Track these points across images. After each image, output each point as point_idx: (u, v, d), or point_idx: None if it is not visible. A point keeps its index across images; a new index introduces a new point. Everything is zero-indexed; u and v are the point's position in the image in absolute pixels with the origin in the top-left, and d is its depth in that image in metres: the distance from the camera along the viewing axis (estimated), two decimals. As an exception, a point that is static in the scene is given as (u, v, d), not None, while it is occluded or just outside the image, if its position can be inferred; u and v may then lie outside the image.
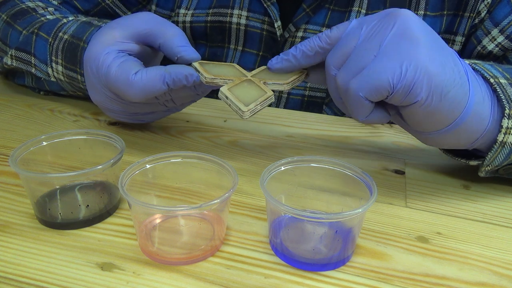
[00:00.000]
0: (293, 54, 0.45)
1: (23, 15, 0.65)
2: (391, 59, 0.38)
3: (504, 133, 0.42)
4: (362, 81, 0.39)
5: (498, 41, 0.60)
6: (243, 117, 0.43)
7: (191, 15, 0.70)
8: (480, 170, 0.46)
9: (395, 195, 0.47)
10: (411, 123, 0.42)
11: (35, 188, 0.39)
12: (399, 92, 0.38)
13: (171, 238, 0.39)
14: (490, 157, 0.44)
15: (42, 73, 0.60)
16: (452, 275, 0.36)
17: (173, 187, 0.42)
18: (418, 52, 0.38)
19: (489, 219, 0.44)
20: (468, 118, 0.41)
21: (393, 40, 0.39)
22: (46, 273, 0.34)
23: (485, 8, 0.60)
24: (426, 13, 0.62)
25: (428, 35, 0.40)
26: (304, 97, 0.69)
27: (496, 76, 0.43)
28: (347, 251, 0.37)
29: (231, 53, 0.71)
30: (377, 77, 0.38)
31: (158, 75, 0.46)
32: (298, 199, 0.42)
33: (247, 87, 0.46)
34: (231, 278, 0.35)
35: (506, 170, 0.46)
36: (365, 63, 0.40)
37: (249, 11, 0.68)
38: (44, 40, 0.59)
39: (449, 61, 0.39)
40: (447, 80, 0.38)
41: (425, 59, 0.38)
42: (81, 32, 0.55)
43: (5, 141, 0.53)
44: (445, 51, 0.40)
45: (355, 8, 0.64)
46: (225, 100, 0.45)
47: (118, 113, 0.52)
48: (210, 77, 0.46)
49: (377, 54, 0.39)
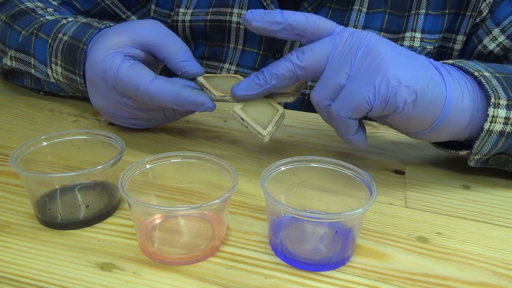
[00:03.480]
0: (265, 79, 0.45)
1: (22, 15, 0.65)
2: (364, 77, 0.41)
3: (490, 122, 0.43)
4: (341, 103, 0.42)
5: (499, 41, 0.60)
6: (263, 141, 0.45)
7: (191, 14, 0.70)
8: (469, 159, 0.47)
9: (395, 195, 0.47)
10: (397, 127, 0.45)
11: (35, 188, 0.39)
12: (377, 107, 0.41)
13: (171, 238, 0.39)
14: (477, 145, 0.45)
15: (42, 74, 0.60)
16: (452, 275, 0.36)
17: (173, 187, 0.42)
18: (387, 67, 0.40)
19: (489, 219, 0.44)
20: (449, 114, 0.42)
21: (362, 59, 0.41)
22: (46, 273, 0.34)
23: (486, 8, 0.60)
24: (427, 12, 0.63)
25: (394, 50, 0.42)
26: (305, 96, 0.69)
27: (480, 70, 0.45)
28: (347, 251, 0.37)
29: (230, 52, 0.71)
30: (355, 98, 0.41)
31: (170, 92, 0.46)
32: (298, 199, 0.42)
33: (257, 105, 0.47)
34: (231, 278, 0.35)
35: (495, 160, 0.47)
36: (339, 81, 0.42)
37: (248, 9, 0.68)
38: (43, 41, 0.59)
39: (419, 68, 0.42)
40: (421, 85, 0.41)
41: (394, 72, 0.40)
42: (80, 33, 0.55)
43: (5, 141, 0.53)
44: (414, 60, 0.43)
45: (356, 7, 0.64)
46: (240, 121, 0.45)
47: (118, 117, 0.53)
48: (219, 95, 0.47)
49: (350, 74, 0.42)
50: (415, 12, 0.63)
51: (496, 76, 0.45)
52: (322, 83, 0.43)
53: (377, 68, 0.40)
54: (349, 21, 0.65)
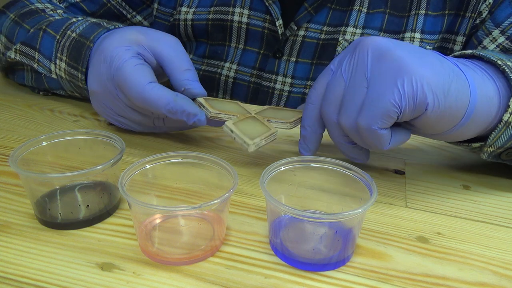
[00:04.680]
0: (306, 133, 0.48)
1: (32, 15, 0.65)
2: (383, 83, 0.39)
3: (510, 113, 0.42)
4: (368, 115, 0.40)
5: (499, 42, 0.60)
6: (248, 150, 0.44)
7: (193, 13, 0.70)
8: (482, 151, 0.45)
9: (395, 195, 0.47)
10: (427, 129, 0.42)
11: (35, 188, 0.39)
12: (407, 108, 0.39)
13: (171, 238, 0.39)
14: (494, 136, 0.43)
15: (44, 69, 0.60)
16: (452, 275, 0.36)
17: (173, 187, 0.42)
18: (404, 65, 0.38)
19: (489, 219, 0.44)
20: (477, 103, 0.41)
21: (374, 66, 0.40)
22: (46, 273, 0.34)
23: (486, 9, 0.60)
24: (427, 13, 0.63)
25: (403, 47, 0.40)
26: (305, 95, 0.69)
27: (503, 59, 0.44)
28: (347, 251, 0.37)
29: (231, 51, 0.72)
30: (381, 105, 0.39)
31: (165, 97, 0.47)
32: (298, 199, 0.42)
33: (251, 123, 0.47)
34: (231, 278, 0.35)
35: (508, 155, 0.46)
36: (361, 98, 0.40)
37: (250, 9, 0.68)
38: (51, 37, 0.59)
39: (435, 61, 0.40)
40: (443, 77, 0.39)
41: (414, 68, 0.38)
42: (89, 32, 0.55)
43: (5, 141, 0.53)
44: (426, 54, 0.41)
45: (356, 7, 0.64)
46: (229, 134, 0.46)
47: (107, 109, 0.52)
48: (215, 111, 0.47)
49: (368, 85, 0.40)
50: (415, 13, 0.63)
51: None
52: (345, 105, 0.42)
53: (395, 69, 0.39)
54: (349, 21, 0.65)
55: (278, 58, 0.69)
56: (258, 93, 0.72)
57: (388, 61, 0.39)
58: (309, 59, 0.68)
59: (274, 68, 0.70)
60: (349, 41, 0.65)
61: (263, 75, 0.71)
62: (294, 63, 0.69)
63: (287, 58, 0.69)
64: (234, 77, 0.73)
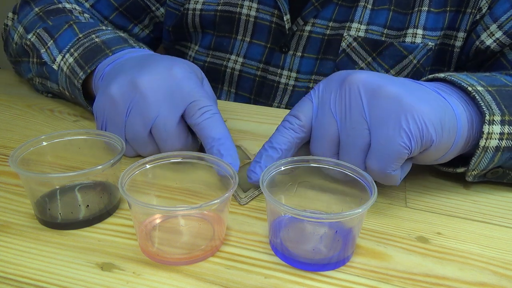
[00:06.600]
0: (276, 155, 0.43)
1: (58, 13, 0.66)
2: (388, 125, 0.38)
3: (485, 139, 0.42)
4: (381, 160, 0.39)
5: (496, 37, 0.61)
6: (240, 203, 0.43)
7: (202, 3, 0.72)
8: (466, 175, 0.46)
9: (395, 195, 0.47)
10: (423, 161, 0.42)
11: (35, 188, 0.39)
12: (416, 148, 0.39)
13: (171, 238, 0.39)
14: (474, 162, 0.44)
15: (50, 57, 0.60)
16: (452, 275, 0.36)
17: (173, 187, 0.42)
18: (404, 103, 0.38)
19: (489, 219, 0.44)
20: (462, 131, 0.41)
21: (372, 105, 0.39)
22: (46, 273, 0.34)
23: (486, 4, 0.61)
24: (429, 10, 0.64)
25: (393, 82, 0.40)
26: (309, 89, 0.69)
27: (473, 84, 0.44)
28: (347, 251, 0.37)
29: (238, 43, 0.72)
30: (392, 149, 0.38)
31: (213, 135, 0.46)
32: (298, 199, 0.42)
33: None
34: (231, 278, 0.35)
35: (493, 173, 0.47)
36: (363, 141, 0.40)
37: (259, 3, 0.69)
38: (73, 34, 0.60)
39: (423, 93, 0.40)
40: (438, 111, 0.39)
41: (413, 104, 0.38)
42: (114, 43, 0.56)
43: (5, 141, 0.53)
44: (412, 85, 0.41)
45: (361, 4, 0.65)
46: None
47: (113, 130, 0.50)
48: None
49: (370, 127, 0.39)
50: (418, 9, 0.64)
51: (489, 90, 0.44)
52: (346, 149, 0.41)
53: (395, 108, 0.38)
54: (354, 17, 0.66)
55: (284, 52, 0.70)
56: (263, 86, 0.73)
57: (384, 99, 0.39)
58: (314, 54, 0.69)
59: (279, 62, 0.71)
60: (353, 36, 0.66)
61: (268, 69, 0.72)
62: (300, 58, 0.70)
63: (293, 53, 0.70)
64: (240, 70, 0.73)
